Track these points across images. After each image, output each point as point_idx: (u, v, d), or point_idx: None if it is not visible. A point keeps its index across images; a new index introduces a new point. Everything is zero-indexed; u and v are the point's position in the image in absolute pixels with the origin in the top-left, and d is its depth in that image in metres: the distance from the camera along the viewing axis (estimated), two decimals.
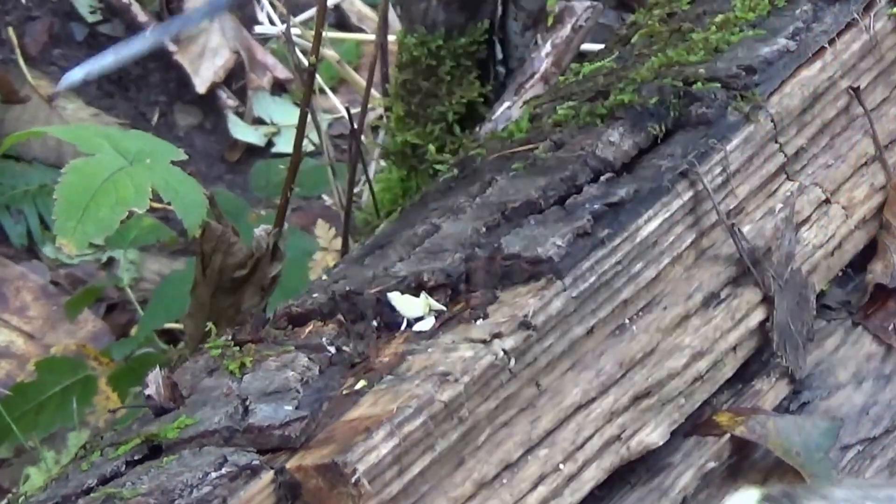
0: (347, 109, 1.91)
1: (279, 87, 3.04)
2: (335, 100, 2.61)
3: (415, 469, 1.11)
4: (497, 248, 1.25)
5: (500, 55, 1.72)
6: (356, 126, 1.80)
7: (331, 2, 2.90)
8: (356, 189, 1.94)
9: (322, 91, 2.49)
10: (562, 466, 1.20)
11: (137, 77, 3.00)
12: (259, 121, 2.99)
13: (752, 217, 1.36)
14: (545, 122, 1.44)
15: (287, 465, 1.10)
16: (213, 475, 1.10)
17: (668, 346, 1.28)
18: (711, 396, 1.33)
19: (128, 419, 1.32)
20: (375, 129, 2.13)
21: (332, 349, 1.23)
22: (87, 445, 1.27)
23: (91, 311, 2.49)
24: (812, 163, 1.42)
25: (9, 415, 2.10)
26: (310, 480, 1.09)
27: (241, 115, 2.99)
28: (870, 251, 1.48)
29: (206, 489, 1.09)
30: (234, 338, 1.31)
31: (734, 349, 1.34)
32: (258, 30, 3.01)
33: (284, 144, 2.91)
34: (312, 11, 2.71)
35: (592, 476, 1.22)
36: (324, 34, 1.76)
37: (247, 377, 1.22)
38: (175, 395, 1.23)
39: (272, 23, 2.96)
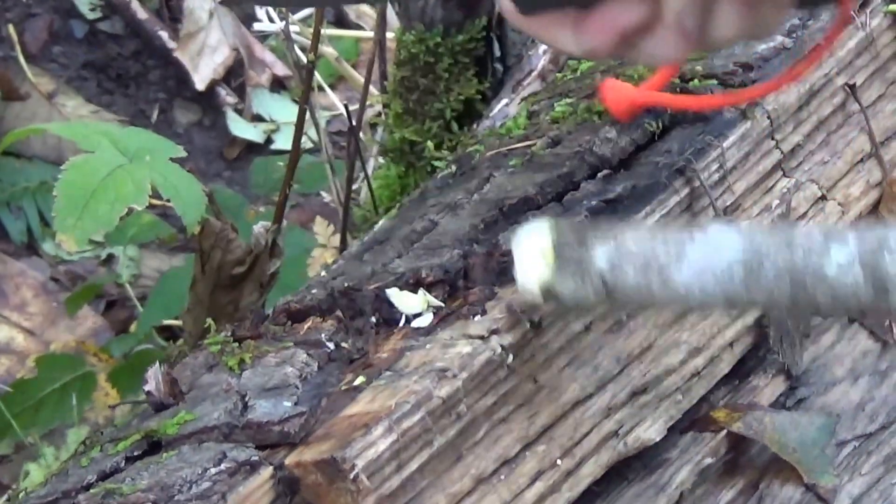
0: (346, 106, 1.92)
1: (278, 85, 3.04)
2: (334, 97, 2.61)
3: (413, 464, 1.11)
4: (495, 245, 1.25)
5: (498, 52, 1.72)
6: (355, 123, 1.80)
7: None
8: (355, 186, 1.95)
9: (321, 88, 2.48)
10: (559, 462, 1.20)
11: (137, 74, 3.00)
12: (258, 118, 2.99)
13: (749, 213, 1.36)
14: (543, 119, 1.44)
15: (286, 461, 1.10)
16: (213, 471, 1.10)
17: (665, 343, 1.28)
18: (708, 392, 1.33)
19: (128, 415, 1.32)
20: (374, 126, 2.13)
21: (331, 345, 1.23)
22: (87, 441, 1.27)
23: (91, 308, 2.50)
24: (808, 159, 1.42)
25: (9, 411, 2.10)
26: (309, 476, 1.09)
27: (240, 112, 2.99)
28: None
29: (206, 485, 1.09)
30: (234, 334, 1.30)
31: (731, 345, 1.34)
32: (257, 27, 3.01)
33: (283, 141, 2.91)
34: (311, 9, 2.71)
35: (590, 472, 1.22)
36: (322, 31, 1.76)
37: (246, 373, 1.22)
38: (174, 391, 1.23)
39: (271, 20, 2.97)
